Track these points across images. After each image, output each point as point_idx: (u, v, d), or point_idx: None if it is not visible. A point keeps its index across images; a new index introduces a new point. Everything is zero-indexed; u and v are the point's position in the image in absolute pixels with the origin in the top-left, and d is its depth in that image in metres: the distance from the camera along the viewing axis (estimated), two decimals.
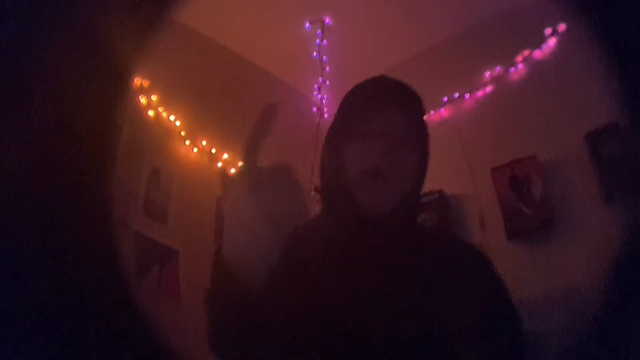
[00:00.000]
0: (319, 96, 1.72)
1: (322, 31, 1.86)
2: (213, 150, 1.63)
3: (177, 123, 1.47)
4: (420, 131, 0.70)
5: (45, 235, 0.45)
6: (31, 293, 0.44)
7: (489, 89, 1.68)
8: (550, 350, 1.25)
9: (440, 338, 0.57)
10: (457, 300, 0.61)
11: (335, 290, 0.56)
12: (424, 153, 0.70)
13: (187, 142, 1.48)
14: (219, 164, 1.66)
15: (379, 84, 0.78)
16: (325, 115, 1.61)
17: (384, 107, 0.67)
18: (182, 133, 1.47)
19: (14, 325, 0.44)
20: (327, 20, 1.80)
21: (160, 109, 1.41)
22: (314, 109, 1.70)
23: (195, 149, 1.53)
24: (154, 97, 1.38)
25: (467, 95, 1.73)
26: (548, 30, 1.52)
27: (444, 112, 1.78)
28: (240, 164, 0.59)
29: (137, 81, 1.30)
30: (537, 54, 1.56)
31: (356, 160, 0.64)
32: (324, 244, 0.58)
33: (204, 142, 1.56)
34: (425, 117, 0.68)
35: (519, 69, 1.61)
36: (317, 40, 1.86)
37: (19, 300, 0.44)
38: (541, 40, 1.54)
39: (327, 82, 1.89)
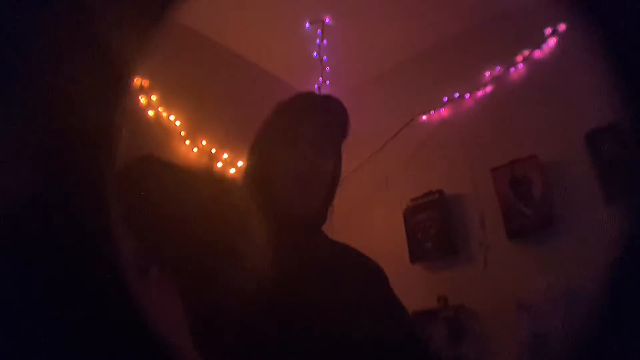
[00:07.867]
0: None
1: (322, 31, 1.86)
2: (213, 150, 1.63)
3: (177, 123, 1.47)
4: (337, 140, 0.75)
5: (44, 235, 0.45)
6: (29, 293, 0.44)
7: (489, 89, 1.68)
8: (550, 350, 1.25)
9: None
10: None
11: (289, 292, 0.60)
12: (337, 159, 0.75)
13: (187, 142, 1.48)
14: (219, 164, 1.67)
15: (310, 96, 0.86)
16: None
17: (314, 117, 0.75)
18: (182, 133, 1.47)
19: (13, 325, 0.44)
20: (327, 20, 1.81)
21: (160, 109, 1.41)
22: None
23: (195, 149, 1.53)
24: (154, 97, 1.38)
25: (467, 95, 1.73)
26: (548, 30, 1.52)
27: (444, 112, 1.79)
28: None
29: (137, 81, 1.30)
30: (537, 54, 1.56)
31: (285, 165, 0.70)
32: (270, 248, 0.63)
33: (204, 142, 1.56)
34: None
35: (519, 69, 1.61)
36: (317, 40, 1.87)
37: (17, 300, 0.44)
38: (541, 40, 1.55)
39: (327, 82, 1.90)
